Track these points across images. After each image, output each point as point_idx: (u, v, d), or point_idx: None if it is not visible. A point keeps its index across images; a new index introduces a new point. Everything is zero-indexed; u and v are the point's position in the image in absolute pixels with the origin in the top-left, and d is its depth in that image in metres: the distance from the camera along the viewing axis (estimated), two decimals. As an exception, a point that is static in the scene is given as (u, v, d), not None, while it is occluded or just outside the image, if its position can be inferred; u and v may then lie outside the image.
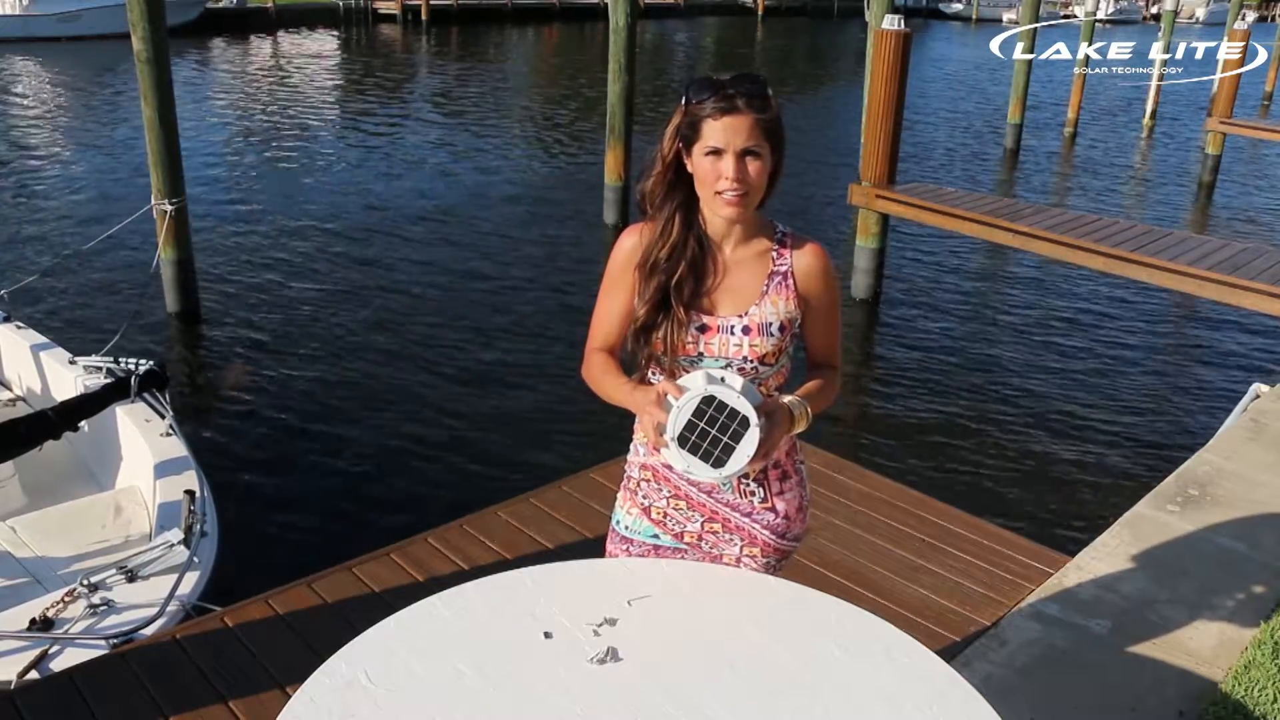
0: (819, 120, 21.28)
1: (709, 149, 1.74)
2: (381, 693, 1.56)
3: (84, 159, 14.49)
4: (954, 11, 54.34)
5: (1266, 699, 2.79)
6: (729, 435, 1.65)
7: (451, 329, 8.55)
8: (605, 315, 1.95)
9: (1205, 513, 3.83)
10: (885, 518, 3.91)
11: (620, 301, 1.91)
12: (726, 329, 1.84)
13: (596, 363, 1.95)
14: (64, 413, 4.54)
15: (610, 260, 1.92)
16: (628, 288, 1.89)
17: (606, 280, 1.94)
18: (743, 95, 1.73)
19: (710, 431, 1.65)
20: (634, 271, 1.87)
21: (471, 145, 16.70)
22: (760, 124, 1.73)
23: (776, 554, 2.00)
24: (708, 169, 1.76)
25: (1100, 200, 14.76)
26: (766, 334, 1.84)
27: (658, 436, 1.71)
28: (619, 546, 2.08)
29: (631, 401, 1.82)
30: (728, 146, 1.73)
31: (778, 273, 1.86)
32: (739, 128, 1.73)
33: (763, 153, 1.75)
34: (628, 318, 1.90)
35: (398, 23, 36.06)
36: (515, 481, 5.38)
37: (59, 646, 3.46)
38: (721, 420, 1.65)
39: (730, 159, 1.73)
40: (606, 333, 1.95)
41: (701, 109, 1.74)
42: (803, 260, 1.88)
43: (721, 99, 1.73)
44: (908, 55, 8.69)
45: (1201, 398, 7.88)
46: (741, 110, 1.72)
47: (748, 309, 1.85)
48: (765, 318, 1.84)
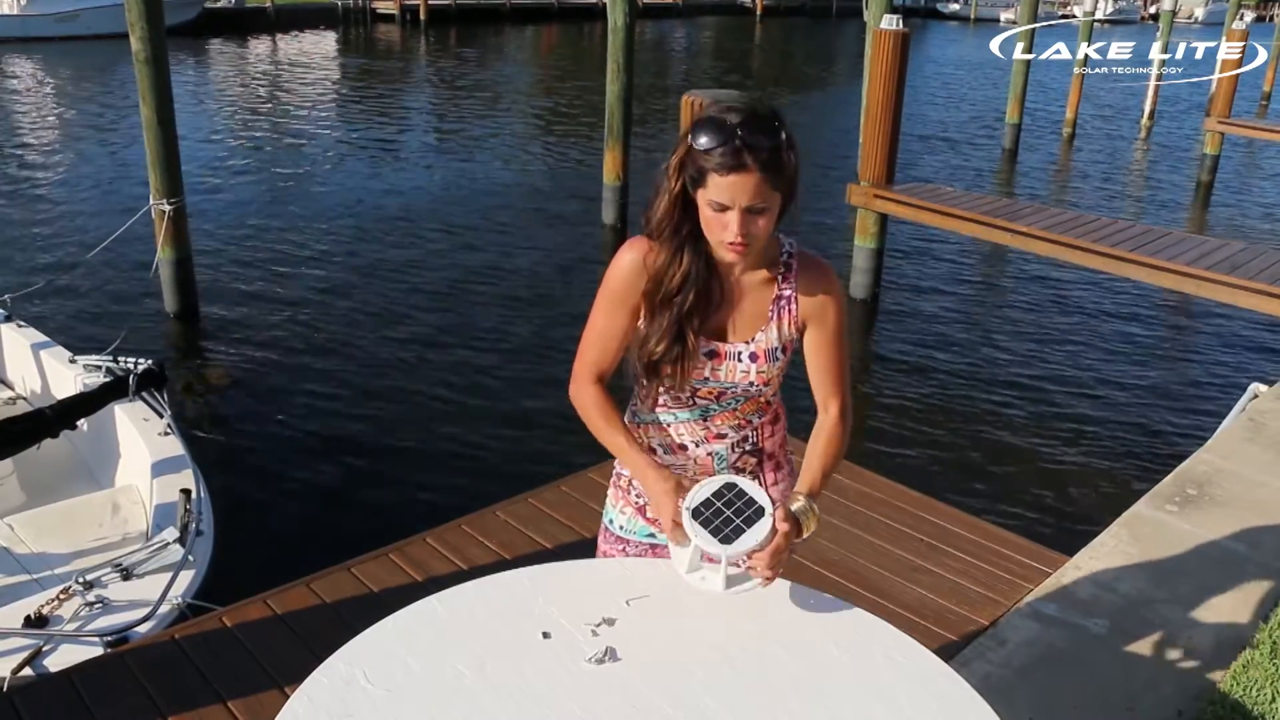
0: (818, 120, 21.28)
1: (713, 202, 1.64)
2: (380, 693, 1.55)
3: (82, 159, 14.47)
4: (952, 11, 54.35)
5: (1265, 699, 2.79)
6: (742, 519, 1.66)
7: (449, 328, 8.54)
8: (603, 335, 1.85)
9: (1204, 512, 3.83)
10: (884, 518, 3.91)
11: (621, 323, 1.83)
12: (734, 355, 1.83)
13: (593, 405, 1.87)
14: (63, 411, 4.55)
15: (609, 276, 1.82)
16: (629, 309, 1.81)
17: (605, 298, 1.83)
18: (751, 150, 1.59)
19: (725, 512, 1.67)
20: (641, 298, 1.79)
21: (470, 145, 16.69)
22: (770, 181, 1.62)
23: None
24: (711, 217, 1.66)
25: (1098, 200, 14.77)
26: (771, 359, 1.84)
27: (670, 525, 1.70)
28: (614, 546, 2.08)
29: (645, 478, 1.79)
30: (733, 204, 1.63)
31: (782, 297, 1.81)
32: (746, 187, 1.61)
33: (771, 205, 1.65)
34: (627, 340, 1.84)
35: (396, 23, 36.04)
36: (514, 482, 5.38)
37: (53, 644, 3.47)
38: (738, 505, 1.67)
39: (735, 214, 1.63)
40: (601, 353, 1.86)
41: (707, 159, 1.61)
42: (807, 285, 1.82)
43: (729, 153, 1.59)
44: (906, 55, 8.69)
45: (1200, 397, 7.88)
46: (749, 168, 1.59)
47: (754, 335, 1.82)
48: (770, 343, 1.83)
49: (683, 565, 1.69)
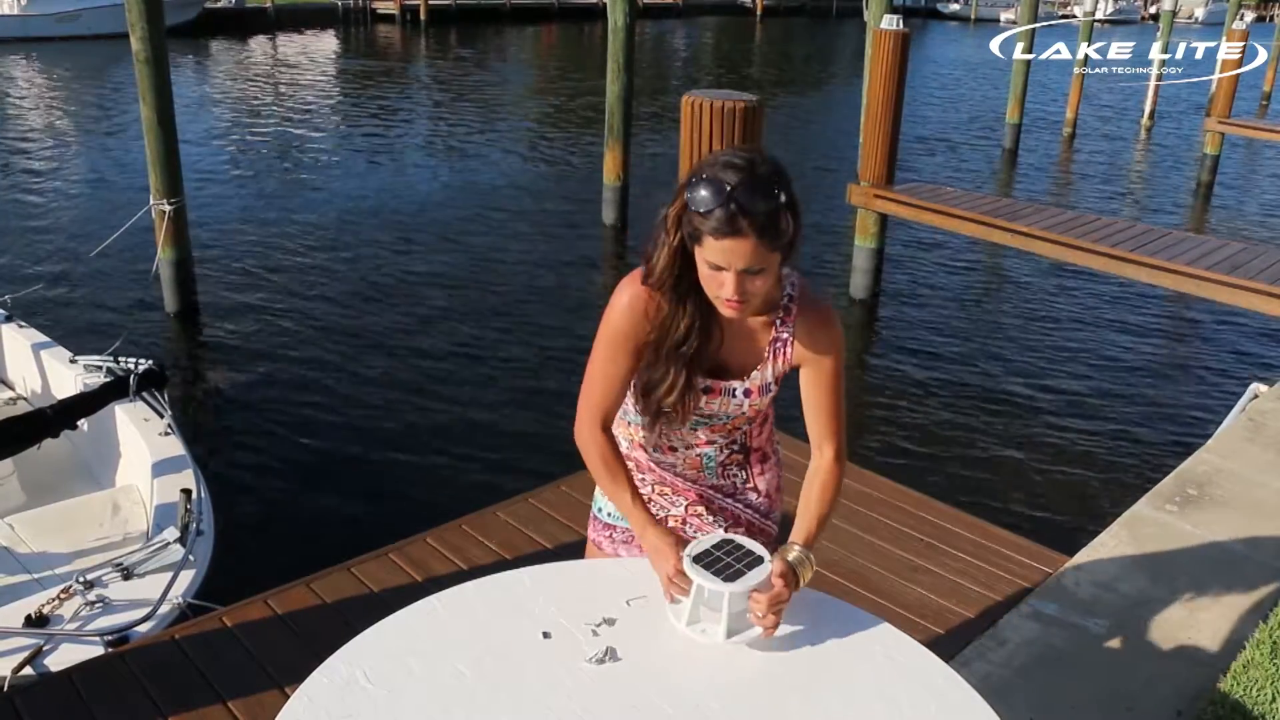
0: (818, 120, 21.29)
1: (709, 262, 1.61)
2: (380, 693, 1.56)
3: (82, 159, 14.48)
4: (952, 11, 54.34)
5: (1265, 698, 2.79)
6: (742, 564, 1.69)
7: (450, 328, 8.55)
8: (607, 378, 1.83)
9: (1204, 512, 3.83)
10: (884, 518, 3.91)
11: (624, 365, 1.81)
12: (729, 392, 1.84)
13: (599, 455, 1.86)
14: (63, 411, 4.56)
15: (608, 320, 1.79)
16: (631, 351, 1.79)
17: (606, 342, 1.80)
18: (747, 215, 1.54)
19: (725, 559, 1.70)
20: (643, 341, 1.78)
21: (470, 145, 16.69)
22: (767, 244, 1.57)
23: (762, 534, 2.02)
24: (708, 275, 1.63)
25: (1099, 200, 14.76)
26: (764, 393, 1.86)
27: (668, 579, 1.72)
28: (601, 534, 2.10)
29: (645, 534, 1.79)
30: (729, 266, 1.59)
31: (779, 340, 1.81)
32: (741, 251, 1.57)
33: (769, 265, 1.61)
34: (630, 380, 1.84)
35: (396, 23, 36.05)
36: (514, 481, 5.38)
37: (54, 643, 3.48)
38: (737, 554, 1.72)
39: (731, 276, 1.60)
40: (605, 395, 1.84)
41: (702, 222, 1.57)
42: (805, 328, 1.80)
43: (725, 219, 1.54)
44: (906, 55, 8.70)
45: (1200, 397, 7.89)
46: (744, 233, 1.55)
47: (750, 374, 1.83)
48: (765, 379, 1.84)
49: (681, 619, 1.70)
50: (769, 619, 1.65)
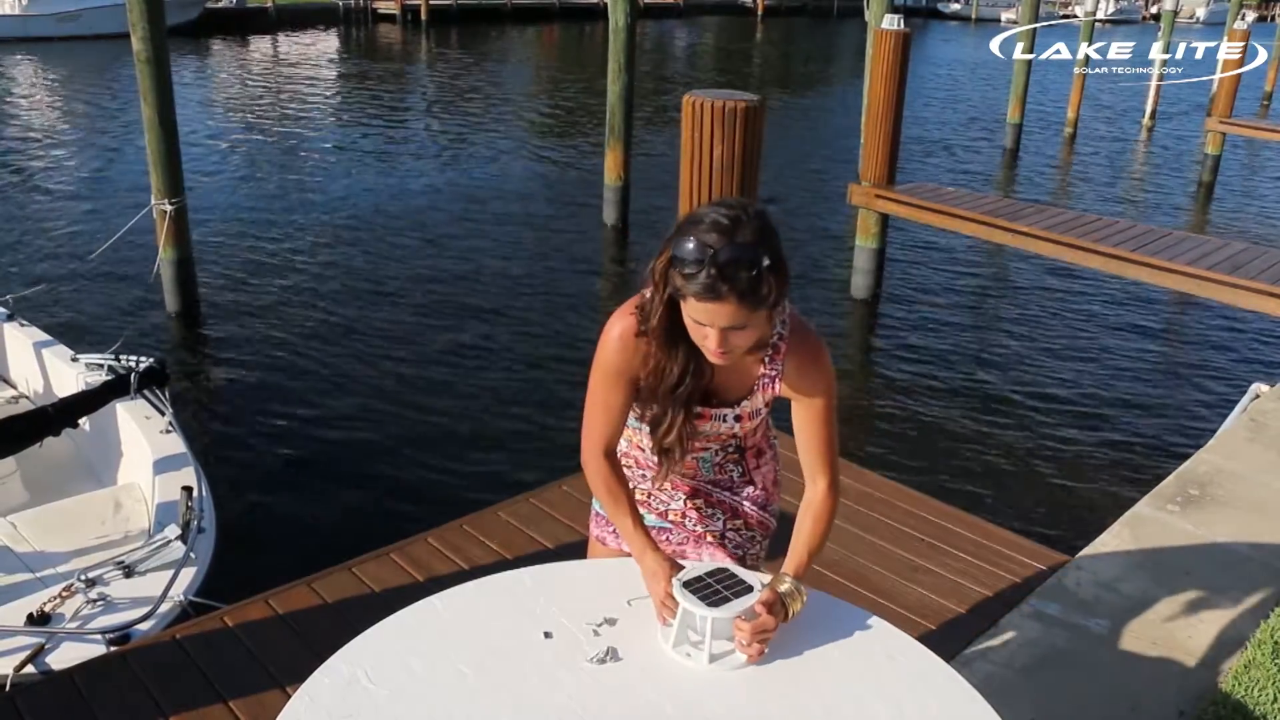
0: (818, 120, 21.29)
1: (693, 319, 1.62)
2: (381, 693, 1.56)
3: (83, 159, 14.49)
4: (953, 11, 54.31)
5: (1266, 699, 2.79)
6: (730, 592, 1.71)
7: (451, 328, 8.55)
8: (606, 410, 1.86)
9: (1205, 512, 3.83)
10: (884, 518, 3.91)
11: (621, 396, 1.84)
12: (720, 417, 1.87)
13: (603, 482, 1.90)
14: (64, 409, 4.55)
15: (601, 354, 1.82)
16: (627, 382, 1.82)
17: (602, 376, 1.83)
18: (728, 281, 1.53)
19: (715, 586, 1.72)
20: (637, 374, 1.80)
21: (471, 145, 16.69)
22: (749, 306, 1.58)
23: (761, 527, 2.04)
24: (693, 328, 1.65)
25: (1100, 200, 14.76)
26: (754, 418, 1.89)
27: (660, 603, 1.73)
28: (604, 529, 2.13)
29: (644, 559, 1.81)
30: (711, 324, 1.60)
31: (766, 376, 1.82)
32: (722, 313, 1.58)
33: (753, 322, 1.62)
34: (629, 408, 1.87)
35: (397, 23, 36.03)
36: (515, 481, 5.38)
37: (55, 642, 3.48)
38: (728, 583, 1.73)
39: (714, 332, 1.61)
40: (605, 426, 1.88)
41: (684, 284, 1.57)
42: (794, 366, 1.81)
43: (706, 284, 1.54)
44: (907, 55, 8.70)
45: (1201, 397, 7.88)
46: (725, 297, 1.55)
47: (740, 402, 1.85)
48: (755, 406, 1.86)
49: (669, 640, 1.70)
50: (754, 648, 1.65)
